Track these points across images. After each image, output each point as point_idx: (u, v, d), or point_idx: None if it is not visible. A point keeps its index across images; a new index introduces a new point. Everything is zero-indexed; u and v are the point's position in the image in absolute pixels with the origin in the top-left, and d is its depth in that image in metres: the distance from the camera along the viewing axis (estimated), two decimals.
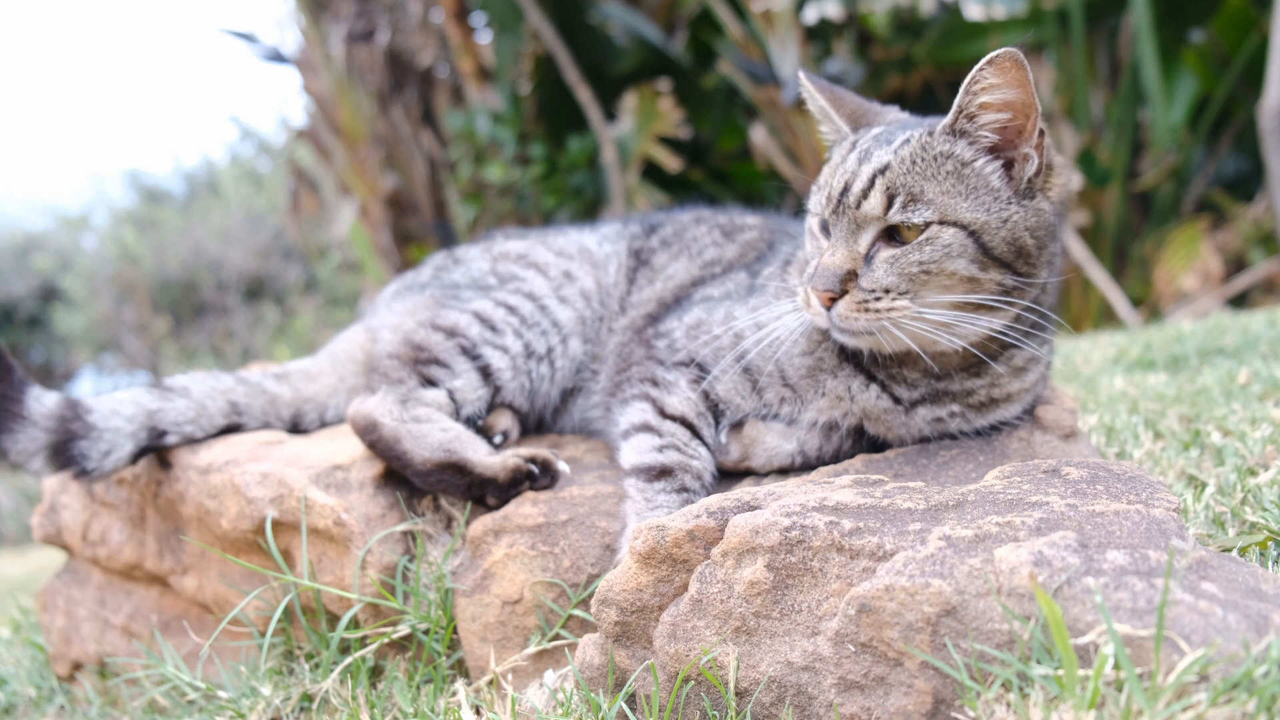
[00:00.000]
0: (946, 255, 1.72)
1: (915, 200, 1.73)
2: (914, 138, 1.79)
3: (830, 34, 8.56)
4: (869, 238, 1.77)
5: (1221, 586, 1.30)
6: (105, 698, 2.45)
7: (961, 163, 1.75)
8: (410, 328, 2.34)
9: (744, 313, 2.09)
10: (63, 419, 2.20)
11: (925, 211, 1.72)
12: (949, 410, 1.94)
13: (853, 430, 2.00)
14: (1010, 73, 1.68)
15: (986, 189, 1.75)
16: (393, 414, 2.12)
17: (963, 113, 1.74)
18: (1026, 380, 1.97)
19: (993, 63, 1.67)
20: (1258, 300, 6.93)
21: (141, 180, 19.84)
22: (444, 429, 2.12)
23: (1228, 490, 2.06)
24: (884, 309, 1.74)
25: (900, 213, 1.73)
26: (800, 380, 1.99)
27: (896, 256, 1.74)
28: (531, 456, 2.10)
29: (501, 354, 2.27)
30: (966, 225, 1.72)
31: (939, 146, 1.76)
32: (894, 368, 1.92)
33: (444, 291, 2.46)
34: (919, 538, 1.45)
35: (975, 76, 1.70)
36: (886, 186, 1.74)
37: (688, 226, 2.57)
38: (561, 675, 1.84)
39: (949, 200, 1.73)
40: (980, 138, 1.75)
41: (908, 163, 1.75)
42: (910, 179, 1.74)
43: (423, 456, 2.08)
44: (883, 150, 1.79)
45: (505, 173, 8.42)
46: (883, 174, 1.76)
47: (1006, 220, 1.74)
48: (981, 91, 1.71)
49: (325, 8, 9.45)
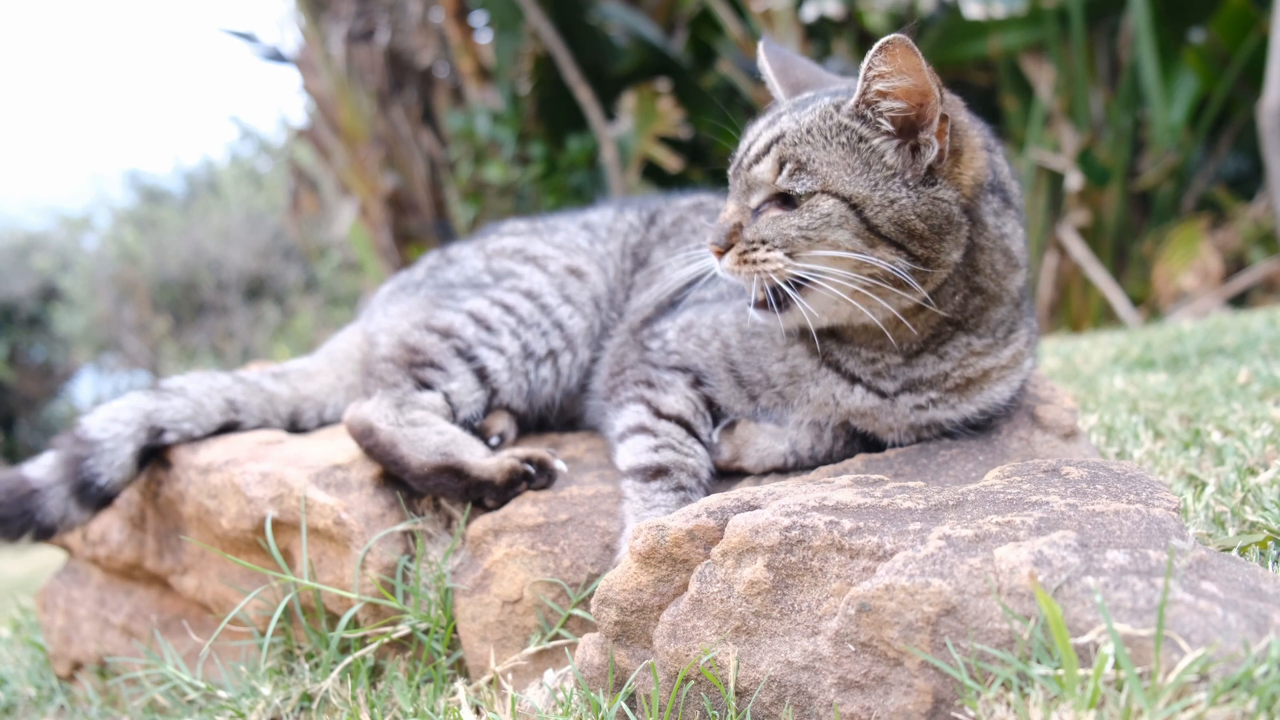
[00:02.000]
0: (825, 224, 1.75)
1: (802, 169, 1.77)
2: (819, 108, 1.81)
3: (830, 32, 8.56)
4: (759, 198, 1.82)
5: (1221, 586, 1.30)
6: (105, 697, 2.45)
7: (859, 138, 1.77)
8: (404, 330, 2.33)
9: (730, 316, 2.09)
10: (66, 460, 2.20)
11: (809, 181, 1.76)
12: (928, 397, 1.93)
13: (840, 427, 1.99)
14: (900, 59, 1.68)
15: (881, 167, 1.76)
16: (388, 418, 2.11)
17: (863, 97, 1.75)
18: (1001, 357, 1.94)
19: (883, 50, 1.68)
20: (1258, 300, 6.93)
21: (141, 180, 19.85)
22: (440, 432, 2.11)
23: (1228, 490, 2.06)
24: (759, 259, 1.77)
25: (787, 180, 1.77)
26: (787, 387, 1.99)
27: (779, 217, 1.79)
28: (528, 457, 2.09)
29: (498, 355, 2.25)
30: (848, 199, 1.75)
31: (839, 119, 1.78)
32: (853, 347, 1.92)
33: (439, 292, 2.44)
34: (919, 537, 1.45)
35: (869, 63, 1.71)
36: (779, 154, 1.79)
37: (687, 216, 2.54)
38: (561, 675, 1.84)
39: (835, 173, 1.76)
40: (879, 122, 1.76)
41: (803, 132, 1.79)
42: (801, 149, 1.78)
43: (419, 460, 2.07)
44: (788, 118, 1.83)
45: (505, 172, 8.42)
46: (778, 141, 1.80)
47: (894, 201, 1.75)
48: (876, 79, 1.72)
49: (325, 8, 9.44)
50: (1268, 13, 6.50)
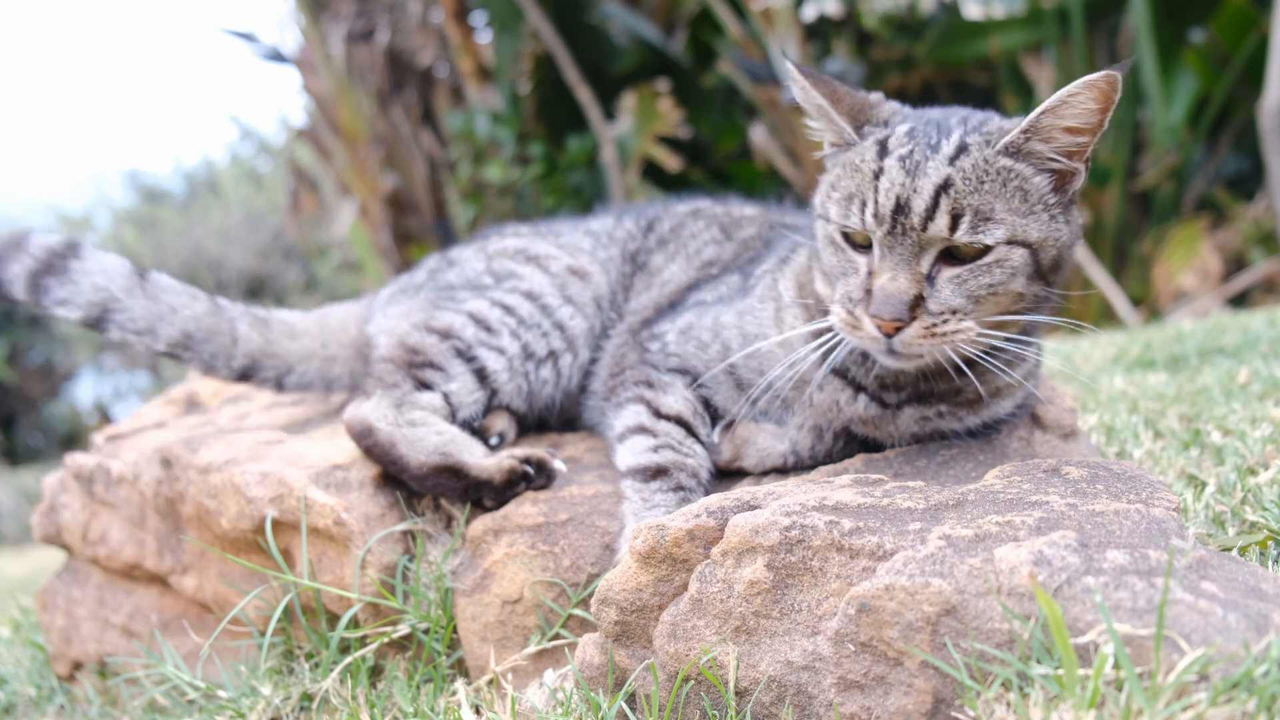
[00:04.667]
0: (1013, 275, 1.66)
1: (986, 220, 1.63)
2: (971, 148, 1.67)
3: (829, 32, 8.56)
4: (931, 259, 1.67)
5: (1221, 586, 1.30)
6: (105, 697, 2.45)
7: (1024, 179, 1.67)
8: (404, 331, 2.32)
9: (732, 319, 2.08)
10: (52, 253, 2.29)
11: (996, 231, 1.64)
12: (936, 410, 1.91)
13: (841, 431, 1.99)
14: (1106, 98, 1.61)
15: (1043, 205, 1.68)
16: (388, 418, 2.10)
17: (1037, 133, 1.66)
18: (1016, 374, 1.90)
19: (1091, 87, 1.60)
20: (1258, 299, 6.93)
21: (141, 180, 19.85)
22: (439, 432, 2.11)
23: (1228, 490, 2.06)
24: (950, 331, 1.65)
25: (970, 234, 1.63)
26: (790, 393, 1.99)
27: (963, 278, 1.65)
28: (526, 457, 2.09)
29: (498, 355, 2.25)
30: (1032, 244, 1.66)
31: (1003, 161, 1.67)
32: (886, 377, 1.88)
33: (439, 294, 2.43)
34: (919, 537, 1.45)
35: (1068, 100, 1.62)
36: (952, 205, 1.63)
37: (685, 222, 2.54)
38: (561, 675, 1.84)
39: (1017, 220, 1.65)
40: (1048, 157, 1.68)
41: (973, 179, 1.64)
42: (978, 197, 1.64)
43: (418, 460, 2.06)
44: (936, 161, 1.66)
45: (505, 172, 8.42)
46: (946, 191, 1.64)
47: (1059, 237, 1.70)
48: (1070, 115, 1.64)
49: (325, 7, 9.44)
50: (1268, 13, 6.50)
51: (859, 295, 1.70)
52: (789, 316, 2.00)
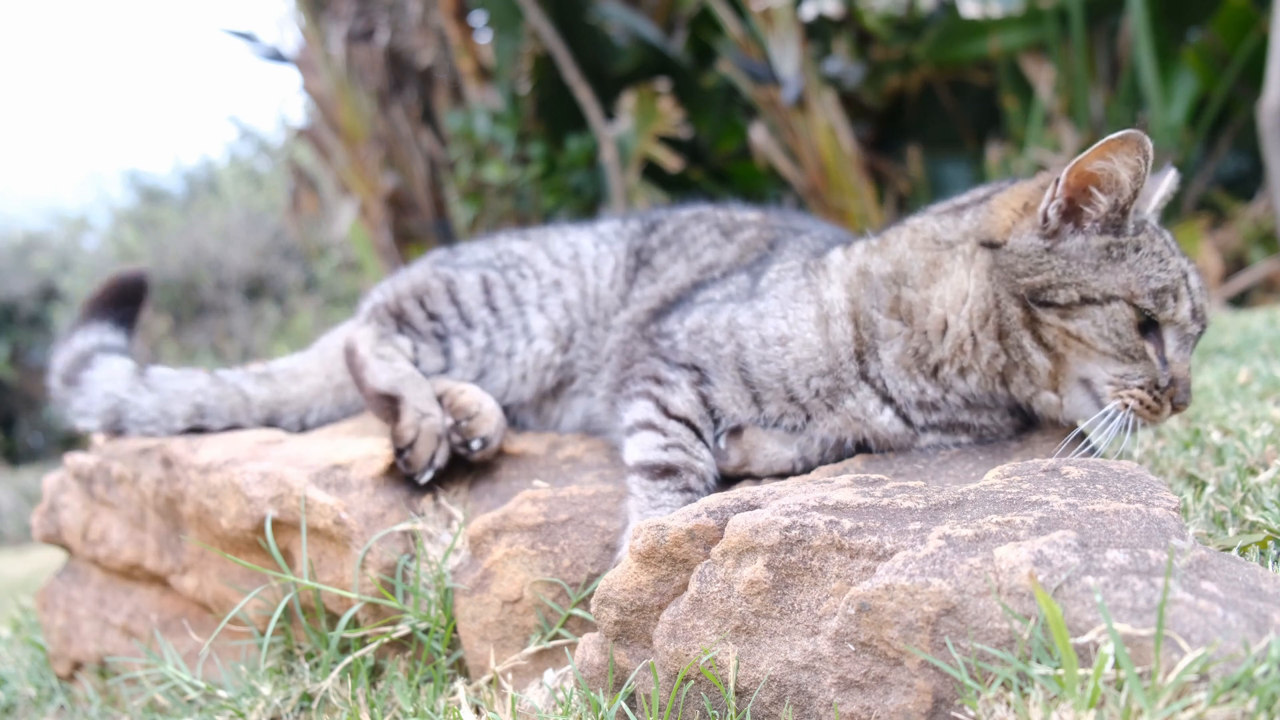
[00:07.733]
0: None
1: None
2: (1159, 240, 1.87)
3: (829, 32, 8.56)
4: None
5: (1221, 586, 1.30)
6: (105, 697, 2.45)
7: None
8: (405, 282, 2.55)
9: (749, 319, 2.07)
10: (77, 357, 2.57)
11: None
12: (956, 440, 1.97)
13: (857, 444, 2.02)
14: None
15: None
16: (367, 343, 2.38)
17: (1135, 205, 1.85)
18: None
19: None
20: (1258, 299, 6.93)
21: (141, 180, 19.84)
22: (397, 369, 2.33)
23: (1228, 489, 2.06)
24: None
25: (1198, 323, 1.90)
26: (811, 400, 1.99)
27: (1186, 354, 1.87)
28: (454, 426, 2.22)
29: (464, 340, 2.42)
30: None
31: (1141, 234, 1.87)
32: (937, 399, 1.96)
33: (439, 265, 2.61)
34: (919, 537, 1.45)
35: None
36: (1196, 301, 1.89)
37: (687, 225, 2.56)
38: (561, 674, 1.84)
39: None
40: None
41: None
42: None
43: (370, 386, 2.30)
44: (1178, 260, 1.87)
45: (504, 172, 8.41)
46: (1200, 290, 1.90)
47: None
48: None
49: (325, 7, 9.44)
50: (1268, 13, 6.50)
51: (1165, 382, 1.83)
52: (838, 329, 1.99)
